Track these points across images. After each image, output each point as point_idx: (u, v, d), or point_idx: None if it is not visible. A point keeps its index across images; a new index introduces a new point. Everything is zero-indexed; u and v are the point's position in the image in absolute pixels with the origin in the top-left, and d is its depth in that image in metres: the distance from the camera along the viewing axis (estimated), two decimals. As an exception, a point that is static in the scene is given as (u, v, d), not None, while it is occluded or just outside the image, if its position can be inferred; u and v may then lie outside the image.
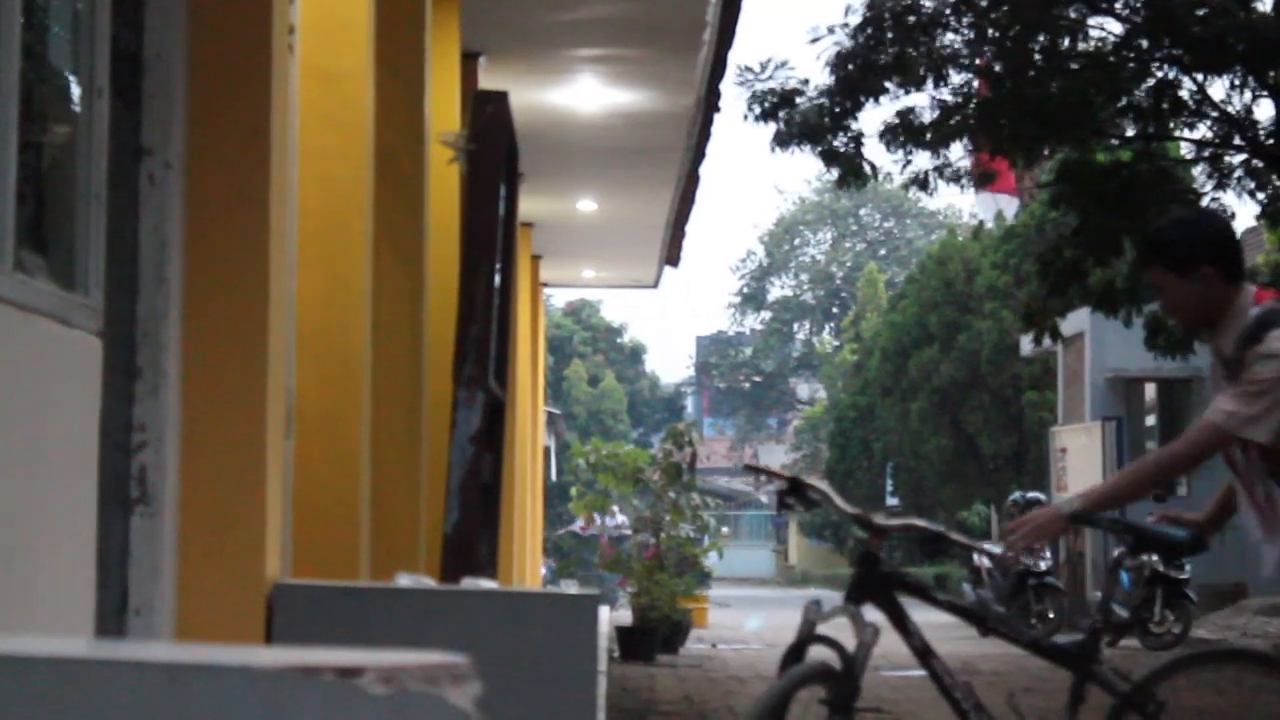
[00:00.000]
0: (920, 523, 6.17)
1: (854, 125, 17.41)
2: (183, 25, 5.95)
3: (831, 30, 16.93)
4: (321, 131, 8.19)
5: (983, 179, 19.33)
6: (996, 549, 5.56)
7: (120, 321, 5.60)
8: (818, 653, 5.73)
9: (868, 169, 17.86)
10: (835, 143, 17.44)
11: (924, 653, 5.94)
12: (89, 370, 4.85)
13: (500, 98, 10.23)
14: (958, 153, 18.25)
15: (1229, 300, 5.71)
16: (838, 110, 17.19)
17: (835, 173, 17.98)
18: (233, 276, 5.96)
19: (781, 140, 17.37)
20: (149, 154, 5.85)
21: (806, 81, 17.40)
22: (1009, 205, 41.68)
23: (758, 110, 17.34)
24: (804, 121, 17.21)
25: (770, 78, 17.40)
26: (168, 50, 5.89)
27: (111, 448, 5.43)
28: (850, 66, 16.80)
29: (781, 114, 17.30)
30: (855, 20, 16.84)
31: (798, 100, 17.30)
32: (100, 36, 5.10)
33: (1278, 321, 5.63)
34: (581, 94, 15.42)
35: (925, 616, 6.26)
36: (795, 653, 5.76)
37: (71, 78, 5.30)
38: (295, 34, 7.80)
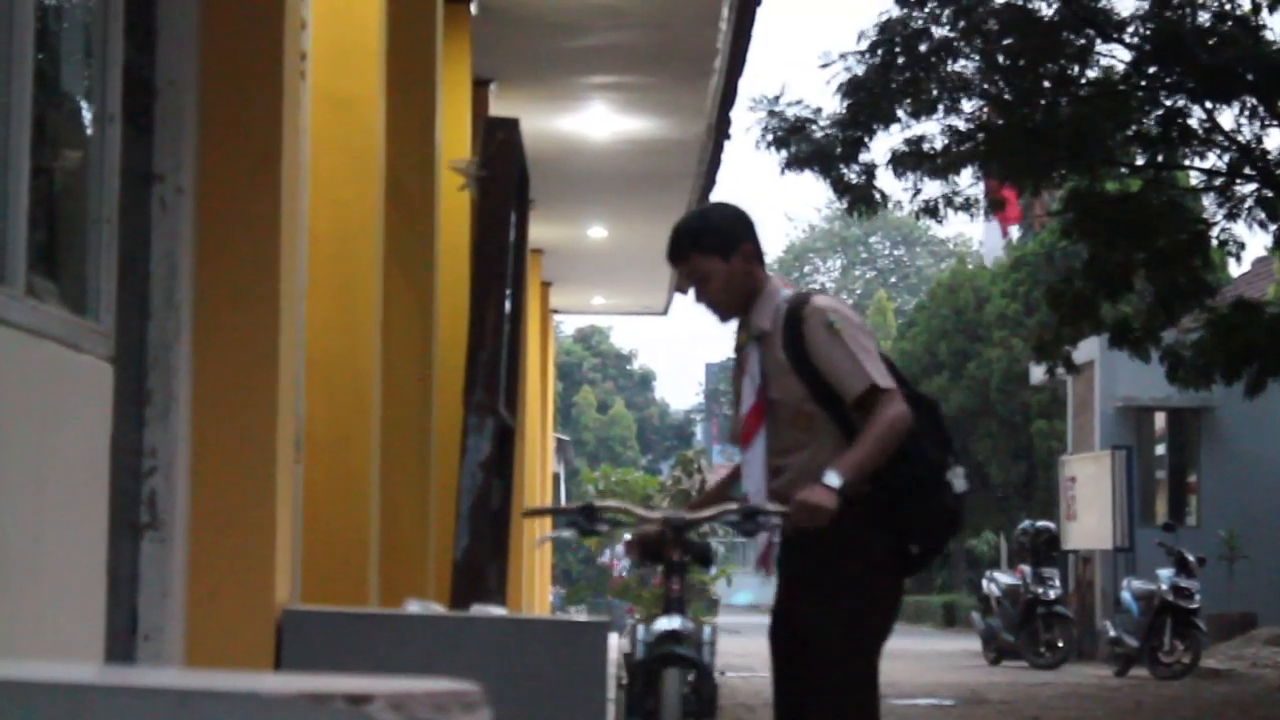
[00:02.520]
0: (728, 506, 5.90)
1: (865, 154, 17.42)
2: (194, 51, 5.96)
3: (843, 56, 16.95)
4: (332, 157, 8.20)
5: (993, 206, 19.32)
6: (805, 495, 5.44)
7: (131, 346, 5.60)
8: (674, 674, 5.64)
9: (878, 197, 17.87)
10: (846, 171, 17.45)
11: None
12: (100, 395, 4.86)
13: (511, 124, 10.24)
14: (968, 180, 18.26)
15: (763, 279, 5.87)
16: (849, 138, 17.20)
17: (846, 201, 17.99)
18: (243, 302, 5.96)
19: (791, 165, 17.39)
20: (160, 179, 5.86)
21: (819, 111, 17.42)
22: (1011, 234, 41.72)
23: (769, 138, 17.36)
24: (815, 149, 17.22)
25: (782, 108, 17.42)
26: (179, 76, 5.90)
27: (122, 472, 5.43)
28: (862, 92, 16.82)
29: (793, 141, 17.32)
30: (867, 45, 16.85)
31: (809, 129, 17.31)
32: (112, 62, 5.11)
33: (813, 293, 5.88)
34: (592, 121, 15.44)
35: (935, 645, 6.31)
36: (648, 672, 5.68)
37: (83, 103, 5.31)
38: (307, 60, 7.82)
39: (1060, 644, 24.16)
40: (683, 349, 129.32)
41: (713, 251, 5.83)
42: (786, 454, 5.78)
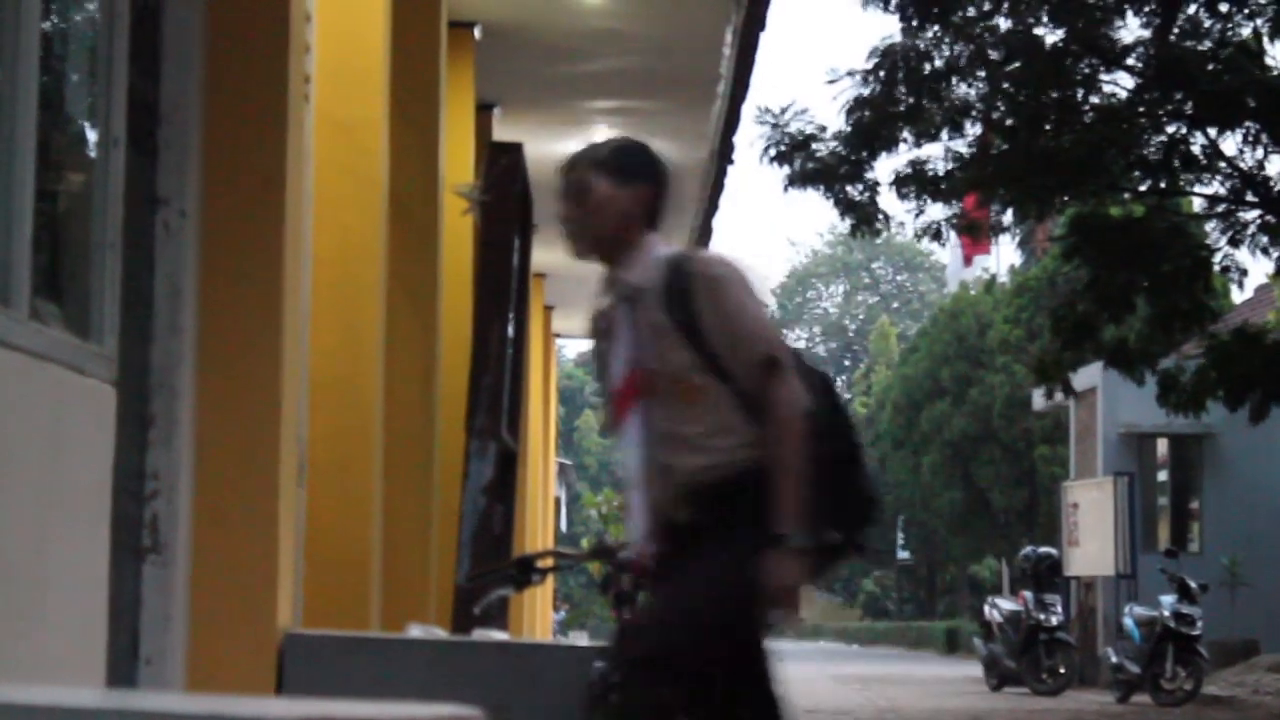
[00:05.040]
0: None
1: (869, 173, 17.44)
2: (199, 75, 5.98)
3: (851, 74, 16.96)
4: (336, 181, 8.22)
5: (969, 229, 19.32)
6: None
7: (134, 370, 5.61)
8: None
9: (880, 218, 17.88)
10: (850, 190, 17.47)
11: None
12: (102, 418, 4.86)
13: (514, 149, 10.27)
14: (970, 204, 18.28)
15: (642, 236, 5.12)
16: (853, 158, 17.22)
17: (849, 221, 18.00)
18: (246, 325, 5.97)
19: (795, 181, 17.40)
20: (164, 203, 5.87)
21: (824, 128, 17.43)
22: (977, 263, 41.76)
23: (774, 153, 17.36)
24: (819, 165, 17.24)
25: (789, 122, 17.42)
26: (184, 100, 5.92)
27: (124, 496, 5.43)
28: (866, 113, 16.84)
29: (798, 157, 17.33)
30: (871, 66, 16.87)
31: (814, 145, 17.32)
32: (117, 86, 5.12)
33: (697, 249, 5.20)
34: (596, 146, 15.46)
35: (937, 671, 6.22)
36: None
37: (88, 127, 5.32)
38: (311, 84, 7.83)
39: (1062, 670, 24.13)
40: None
41: (608, 172, 5.13)
42: (670, 438, 4.97)
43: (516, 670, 5.97)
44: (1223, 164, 17.49)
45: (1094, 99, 17.50)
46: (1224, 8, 16.81)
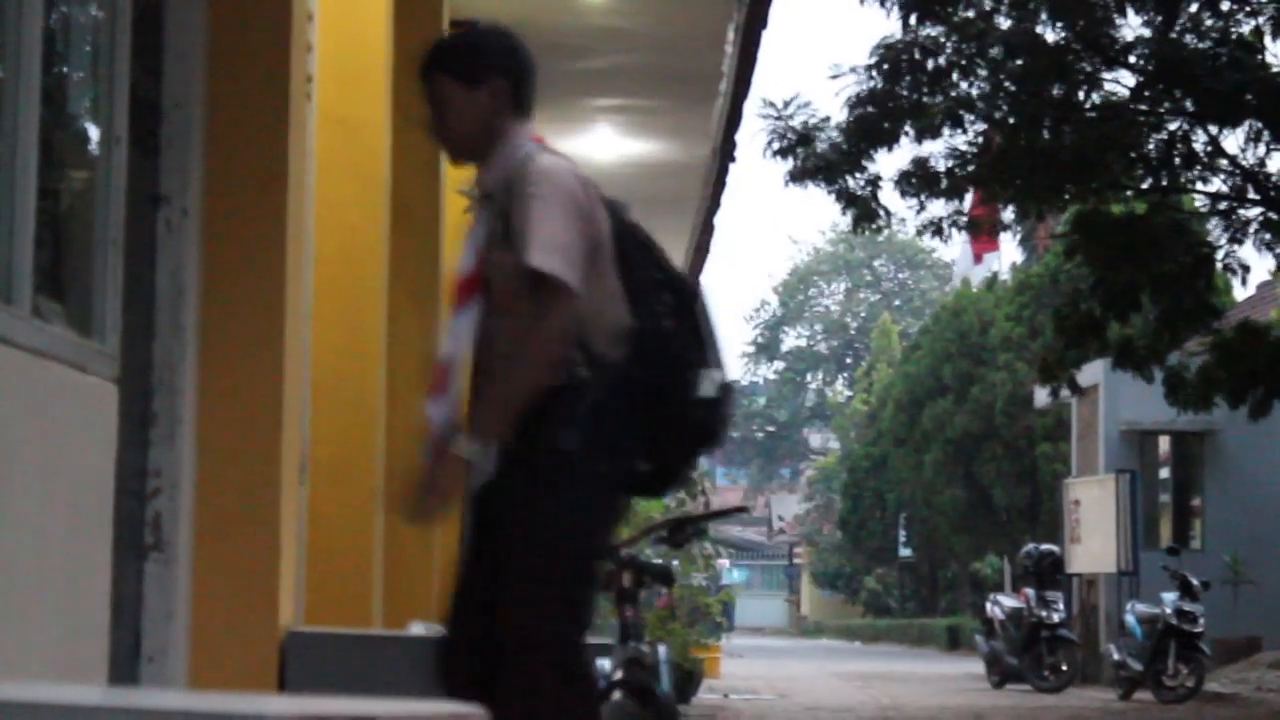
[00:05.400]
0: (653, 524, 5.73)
1: (870, 167, 17.40)
2: (201, 74, 5.98)
3: (853, 69, 16.94)
4: (338, 180, 8.22)
5: (973, 226, 19.31)
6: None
7: (136, 367, 5.61)
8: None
9: (881, 213, 17.86)
10: (851, 183, 17.44)
11: None
12: (104, 416, 4.86)
13: (516, 147, 10.25)
14: (971, 201, 18.26)
15: (508, 130, 4.99)
16: (854, 151, 17.19)
17: (850, 215, 17.97)
18: (249, 324, 5.97)
19: (796, 176, 17.37)
20: (166, 201, 5.87)
21: (827, 119, 17.40)
22: (987, 261, 41.76)
23: (776, 146, 17.33)
24: (820, 159, 17.21)
25: (791, 115, 17.40)
26: (186, 98, 5.92)
27: (126, 494, 5.44)
28: (869, 108, 16.82)
29: (799, 151, 17.30)
30: (873, 62, 16.85)
31: (816, 138, 17.30)
32: (119, 84, 5.12)
33: (548, 151, 4.99)
34: (597, 143, 15.45)
35: (939, 668, 6.20)
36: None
37: (90, 125, 5.33)
38: (313, 83, 7.84)
39: (1064, 667, 24.10)
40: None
41: (456, 75, 4.98)
42: (490, 344, 4.84)
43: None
44: (1224, 161, 17.49)
45: (1095, 96, 17.49)
46: (1225, 6, 16.80)
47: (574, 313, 4.70)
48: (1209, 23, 16.81)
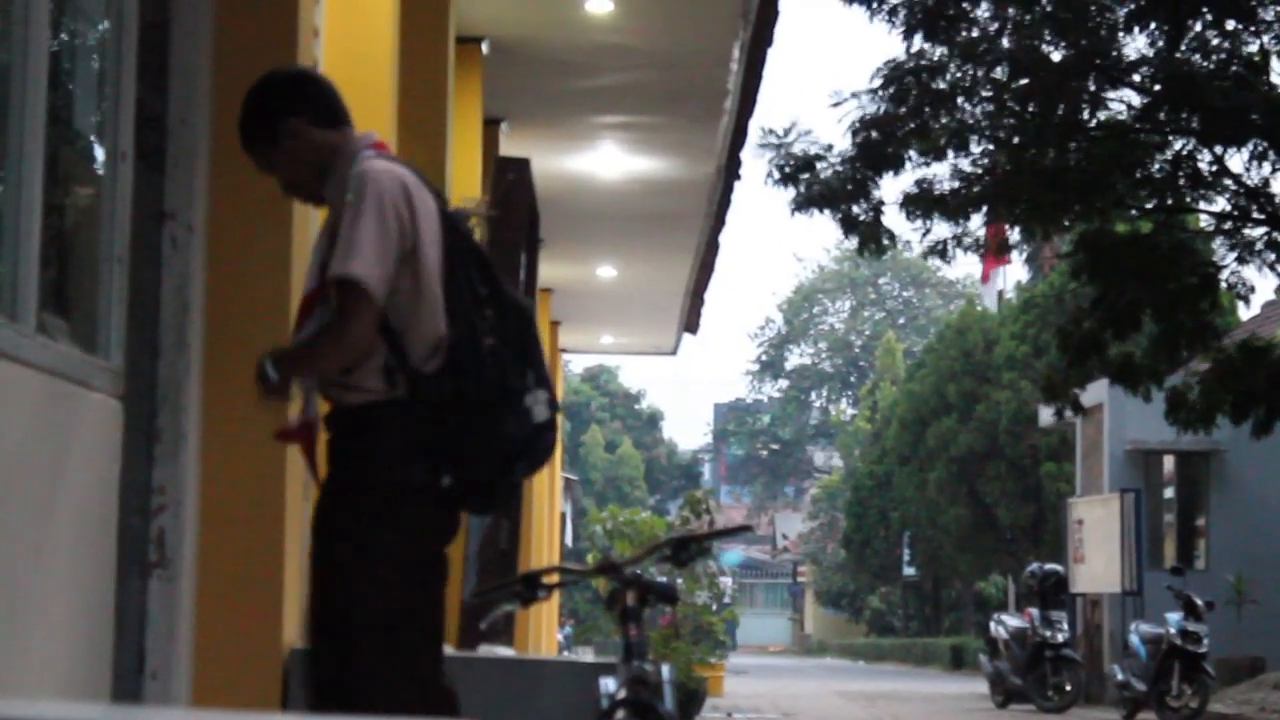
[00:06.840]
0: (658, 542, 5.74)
1: (875, 193, 17.41)
2: (206, 90, 5.99)
3: (855, 95, 16.96)
4: (343, 196, 8.21)
5: (999, 249, 19.33)
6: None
7: (141, 384, 5.61)
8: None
9: (886, 238, 17.87)
10: (855, 210, 17.45)
11: None
12: (109, 433, 4.86)
13: (521, 164, 10.28)
14: (977, 222, 18.25)
15: (333, 146, 4.93)
16: (858, 177, 17.20)
17: (855, 240, 17.99)
18: (254, 340, 5.96)
19: (801, 204, 17.38)
20: (171, 217, 5.88)
21: (830, 147, 17.41)
22: (994, 278, 41.78)
23: (778, 175, 17.35)
24: (824, 187, 17.22)
25: (793, 142, 17.41)
26: (191, 115, 5.92)
27: (130, 510, 5.43)
28: (872, 133, 16.83)
29: (803, 178, 17.32)
30: (877, 85, 16.86)
31: (819, 165, 17.31)
32: (125, 101, 5.13)
33: (382, 158, 4.94)
34: (602, 161, 15.46)
35: (942, 687, 6.18)
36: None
37: (96, 141, 5.33)
38: (318, 99, 7.83)
39: (1068, 687, 24.07)
40: (691, 389, 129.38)
41: (260, 141, 4.94)
42: None
43: (522, 686, 5.97)
44: (1229, 181, 17.49)
45: (1100, 116, 17.50)
46: (1231, 25, 16.81)
47: (371, 317, 4.70)
48: (1214, 42, 16.82)
